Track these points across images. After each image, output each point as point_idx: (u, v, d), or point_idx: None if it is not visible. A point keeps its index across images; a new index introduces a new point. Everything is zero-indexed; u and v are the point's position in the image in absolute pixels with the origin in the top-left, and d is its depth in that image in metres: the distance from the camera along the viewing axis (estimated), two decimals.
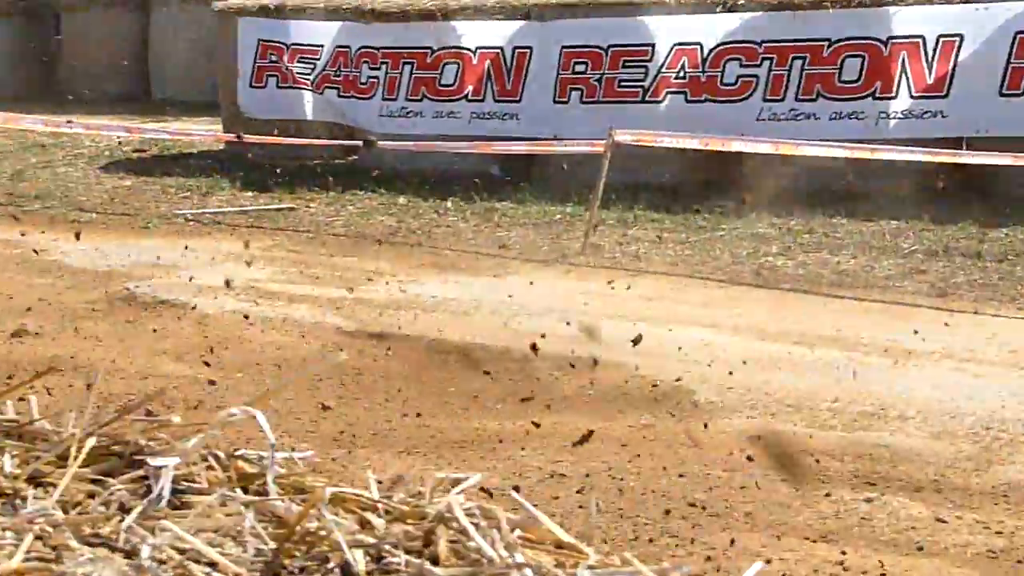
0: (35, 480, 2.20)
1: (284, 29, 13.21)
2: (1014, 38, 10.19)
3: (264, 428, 2.24)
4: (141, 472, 2.20)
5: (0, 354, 7.48)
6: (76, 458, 2.20)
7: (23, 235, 10.60)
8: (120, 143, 14.31)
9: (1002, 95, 10.26)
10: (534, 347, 6.87)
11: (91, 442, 2.25)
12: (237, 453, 2.29)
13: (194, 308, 8.26)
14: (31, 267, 9.60)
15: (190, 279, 8.97)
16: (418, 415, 6.36)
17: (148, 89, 20.22)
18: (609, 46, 11.25)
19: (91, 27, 20.79)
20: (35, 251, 10.06)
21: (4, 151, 14.24)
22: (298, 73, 13.00)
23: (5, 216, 11.39)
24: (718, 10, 11.19)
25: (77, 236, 9.81)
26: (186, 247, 9.93)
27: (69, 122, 12.89)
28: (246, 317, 8.03)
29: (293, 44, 13.08)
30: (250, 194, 11.74)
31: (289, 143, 11.88)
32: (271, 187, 11.82)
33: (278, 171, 12.45)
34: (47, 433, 2.36)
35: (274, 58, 13.18)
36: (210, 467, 2.24)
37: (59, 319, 8.18)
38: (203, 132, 13.98)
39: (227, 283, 8.76)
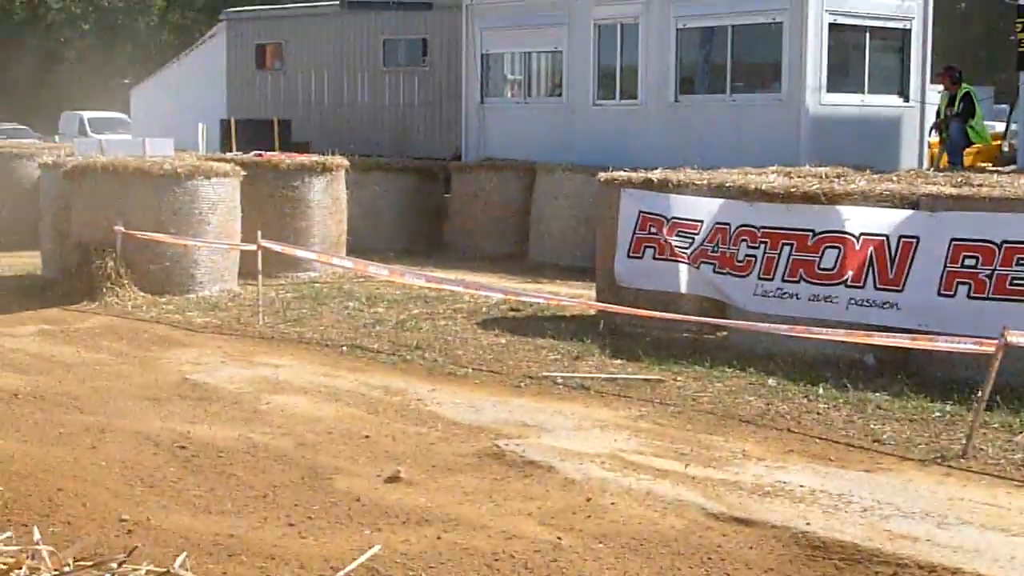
0: None
1: (665, 203, 13.41)
2: None
3: None
4: None
5: (372, 499, 7.74)
6: None
7: (402, 383, 11.04)
8: (497, 301, 14.80)
9: None
10: None
11: None
12: None
13: (559, 472, 8.32)
14: (407, 415, 9.95)
15: (557, 442, 9.06)
16: None
17: (526, 250, 20.93)
18: (1003, 242, 10.76)
19: (478, 187, 21.79)
20: (412, 400, 10.45)
21: (392, 301, 14.96)
22: (676, 246, 13.12)
23: (388, 364, 11.92)
24: None
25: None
26: (555, 410, 10.07)
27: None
28: (609, 487, 8.01)
29: (673, 218, 13.24)
30: (619, 362, 11.82)
31: (661, 316, 11.92)
32: (640, 357, 11.88)
33: (648, 341, 12.53)
34: None
35: (653, 230, 13.36)
36: None
37: (430, 469, 8.41)
38: (575, 299, 14.29)
39: (593, 451, 8.80)
